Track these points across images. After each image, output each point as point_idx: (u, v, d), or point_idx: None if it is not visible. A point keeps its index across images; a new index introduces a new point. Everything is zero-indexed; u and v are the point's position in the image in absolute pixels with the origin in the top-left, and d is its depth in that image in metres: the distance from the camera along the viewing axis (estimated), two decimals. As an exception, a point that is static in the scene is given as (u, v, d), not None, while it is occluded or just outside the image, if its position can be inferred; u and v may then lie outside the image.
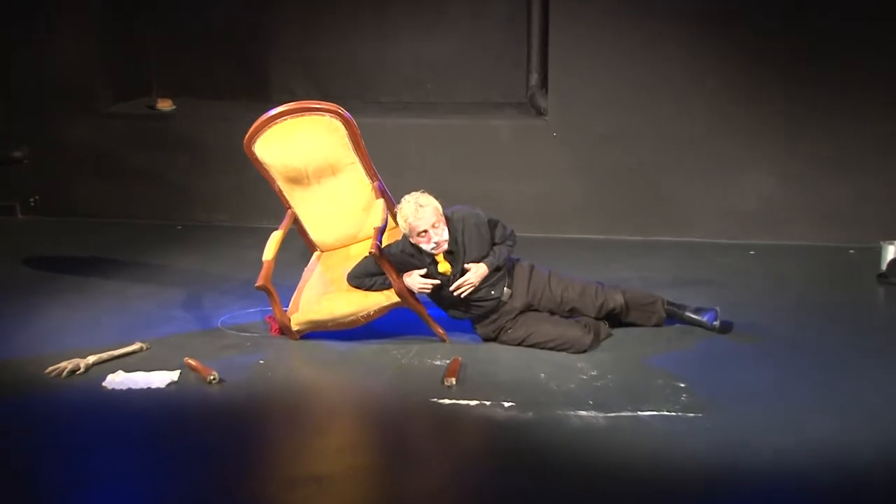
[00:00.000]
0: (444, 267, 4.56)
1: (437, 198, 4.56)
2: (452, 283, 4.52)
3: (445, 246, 4.47)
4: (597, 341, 4.54)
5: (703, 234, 6.33)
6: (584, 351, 4.49)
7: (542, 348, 4.54)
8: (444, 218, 4.47)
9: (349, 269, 4.74)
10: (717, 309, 4.69)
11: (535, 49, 6.79)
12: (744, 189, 6.27)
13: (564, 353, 4.49)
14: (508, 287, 4.59)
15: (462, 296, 4.49)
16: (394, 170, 5.92)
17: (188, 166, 6.99)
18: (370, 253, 4.58)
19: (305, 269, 5.14)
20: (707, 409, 3.95)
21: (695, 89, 6.19)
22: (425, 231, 4.42)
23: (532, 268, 4.66)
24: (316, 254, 5.26)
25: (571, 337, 4.50)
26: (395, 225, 4.84)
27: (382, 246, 4.61)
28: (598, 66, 6.29)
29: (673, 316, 4.72)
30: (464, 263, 4.51)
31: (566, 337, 4.50)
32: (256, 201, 6.76)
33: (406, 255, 4.54)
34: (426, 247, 4.46)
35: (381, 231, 4.73)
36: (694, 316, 4.70)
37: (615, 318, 4.68)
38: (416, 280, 4.55)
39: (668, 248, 6.16)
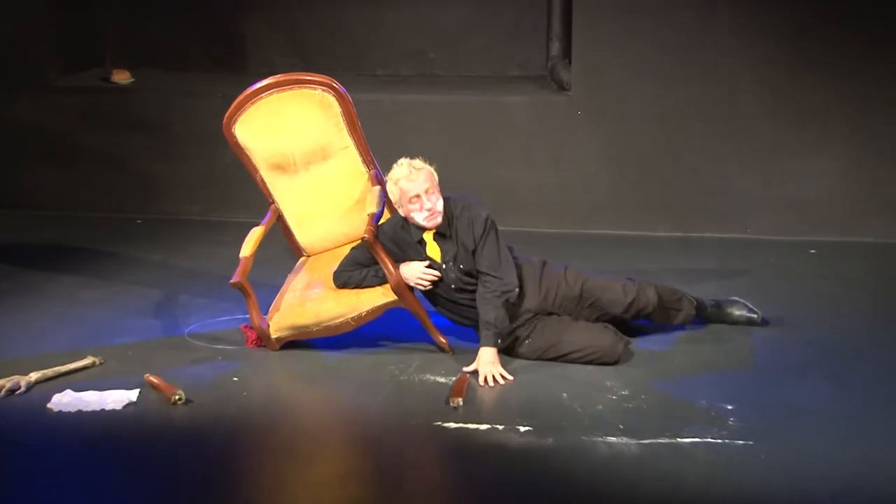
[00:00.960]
0: (433, 250, 4.56)
1: (441, 185, 4.62)
2: (445, 273, 4.54)
3: (439, 219, 4.49)
4: (626, 350, 4.55)
5: (754, 231, 6.35)
6: (616, 361, 4.50)
7: (567, 360, 4.55)
8: (440, 190, 4.50)
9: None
10: (739, 299, 4.84)
11: (556, 13, 6.80)
12: (804, 178, 6.27)
13: (590, 369, 4.49)
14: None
15: (491, 385, 4.40)
16: (390, 154, 5.77)
17: (150, 149, 7.00)
18: (363, 238, 4.60)
19: (289, 274, 5.16)
20: (759, 436, 3.94)
21: (747, 60, 6.17)
22: (417, 196, 4.44)
23: (544, 263, 4.69)
24: (301, 259, 5.29)
25: (604, 344, 4.50)
26: (390, 215, 4.86)
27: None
28: (632, 32, 6.28)
29: (700, 315, 4.82)
30: (457, 256, 4.52)
31: (597, 345, 4.50)
32: (231, 191, 6.77)
33: (398, 229, 4.58)
34: (418, 216, 4.48)
35: (376, 217, 4.75)
36: (723, 310, 4.84)
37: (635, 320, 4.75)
38: (413, 270, 4.56)
39: (713, 247, 6.18)
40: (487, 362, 4.43)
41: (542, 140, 6.54)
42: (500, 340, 4.46)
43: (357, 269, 4.71)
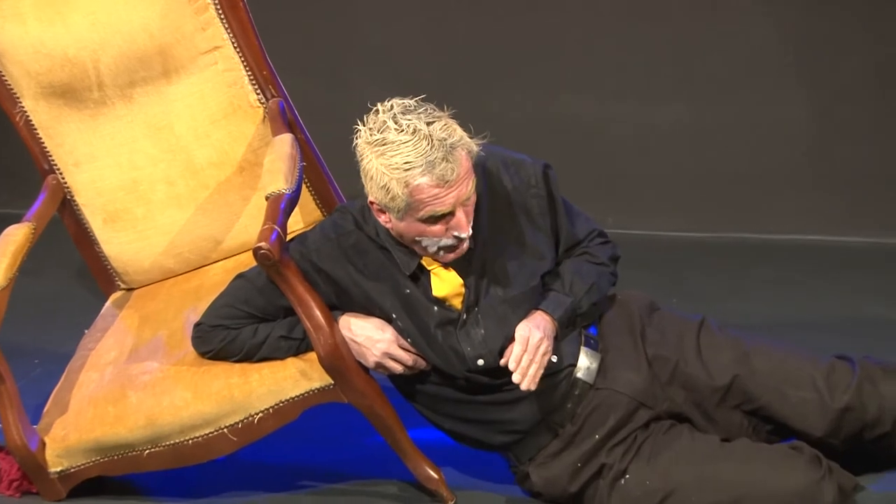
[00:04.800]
0: (444, 285, 4.66)
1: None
2: (464, 338, 4.60)
3: (466, 245, 4.56)
4: (840, 496, 4.57)
5: None
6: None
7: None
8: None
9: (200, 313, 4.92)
10: None
11: None
12: None
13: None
14: (591, 347, 4.68)
15: (530, 385, 4.55)
16: (330, 69, 5.95)
17: None
18: (257, 252, 4.53)
19: (88, 329, 5.35)
20: None
21: None
22: (451, 216, 4.45)
23: (652, 306, 4.89)
24: (115, 297, 5.51)
25: (791, 488, 4.50)
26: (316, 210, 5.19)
27: (289, 238, 4.77)
28: None
29: None
30: (496, 276, 4.66)
31: (778, 489, 4.50)
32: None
33: (347, 240, 4.68)
34: (430, 244, 4.54)
35: (286, 204, 4.74)
36: None
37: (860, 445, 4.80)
38: (373, 335, 4.52)
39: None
40: (536, 325, 4.56)
41: (637, 48, 6.62)
42: (565, 322, 4.66)
43: (246, 321, 4.73)
